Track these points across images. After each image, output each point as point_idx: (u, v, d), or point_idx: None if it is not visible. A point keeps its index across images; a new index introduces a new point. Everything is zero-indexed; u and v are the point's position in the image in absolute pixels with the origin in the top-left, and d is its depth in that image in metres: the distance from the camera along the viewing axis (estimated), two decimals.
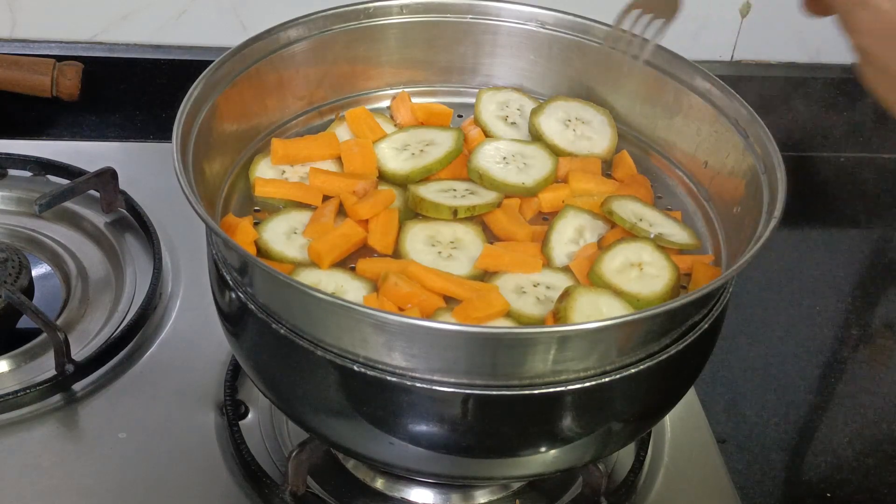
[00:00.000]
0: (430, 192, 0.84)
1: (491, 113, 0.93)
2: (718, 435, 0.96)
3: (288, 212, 0.83)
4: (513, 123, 0.92)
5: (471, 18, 0.93)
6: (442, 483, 0.86)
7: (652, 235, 0.81)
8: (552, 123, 0.91)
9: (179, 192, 0.69)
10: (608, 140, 0.91)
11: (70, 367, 0.91)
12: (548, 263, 0.80)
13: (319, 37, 0.89)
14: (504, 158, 0.87)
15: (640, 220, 0.82)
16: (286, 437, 0.90)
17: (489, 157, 0.86)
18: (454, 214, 0.82)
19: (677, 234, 0.83)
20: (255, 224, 0.81)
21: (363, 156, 0.87)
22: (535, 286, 0.77)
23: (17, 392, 0.89)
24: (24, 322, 0.96)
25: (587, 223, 0.83)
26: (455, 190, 0.84)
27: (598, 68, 0.92)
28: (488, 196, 0.84)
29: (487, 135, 0.91)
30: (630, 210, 0.83)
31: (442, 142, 0.88)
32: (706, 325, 0.73)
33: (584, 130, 0.91)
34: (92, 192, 1.08)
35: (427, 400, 0.68)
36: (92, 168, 1.08)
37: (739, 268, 0.68)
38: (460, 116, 0.95)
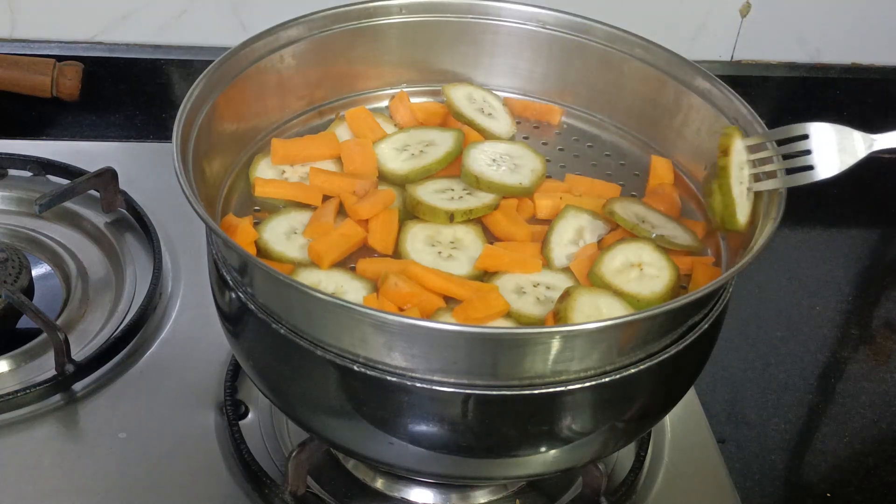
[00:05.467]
0: (426, 193, 0.83)
1: (471, 108, 0.92)
2: (718, 435, 0.96)
3: (288, 212, 0.83)
4: (489, 115, 0.92)
5: (471, 18, 0.93)
6: (442, 483, 0.86)
7: (653, 236, 0.81)
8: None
9: (179, 192, 0.69)
10: None
11: (70, 367, 0.91)
12: (547, 265, 0.80)
13: (319, 37, 0.89)
14: (494, 160, 0.86)
15: (643, 221, 0.82)
16: (286, 437, 0.90)
17: (480, 161, 0.86)
18: (451, 219, 0.81)
19: (679, 235, 0.82)
20: (255, 224, 0.81)
21: (363, 156, 0.87)
22: (535, 286, 0.77)
23: (17, 392, 0.89)
24: (24, 322, 0.96)
25: (587, 224, 0.83)
26: (453, 190, 0.84)
27: (598, 68, 0.91)
28: (486, 198, 0.83)
29: (477, 130, 0.90)
30: (632, 211, 0.83)
31: (442, 142, 0.88)
32: (706, 326, 0.73)
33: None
34: (92, 192, 1.08)
35: (427, 400, 0.68)
36: (92, 168, 1.08)
37: (739, 269, 0.68)
38: None
